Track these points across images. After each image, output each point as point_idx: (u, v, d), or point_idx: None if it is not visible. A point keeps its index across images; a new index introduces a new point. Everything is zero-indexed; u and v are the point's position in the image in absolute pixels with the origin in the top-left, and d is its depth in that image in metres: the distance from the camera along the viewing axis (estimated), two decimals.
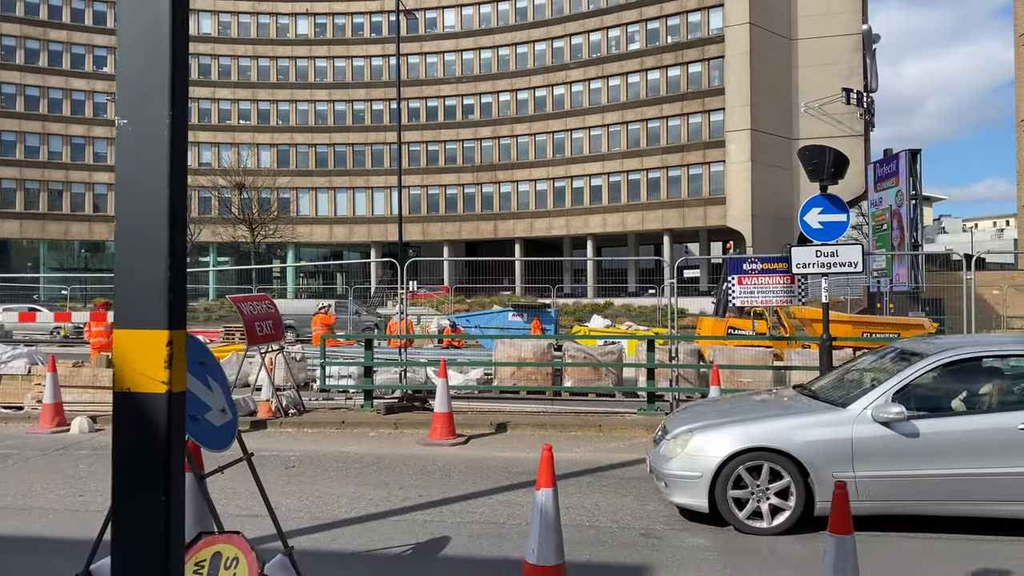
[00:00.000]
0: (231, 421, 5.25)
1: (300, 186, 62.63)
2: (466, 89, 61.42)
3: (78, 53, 61.16)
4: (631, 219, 55.44)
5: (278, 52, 63.67)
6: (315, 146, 63.48)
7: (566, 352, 15.72)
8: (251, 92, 63.41)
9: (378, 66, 63.26)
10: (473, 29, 61.52)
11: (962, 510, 6.09)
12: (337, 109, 63.49)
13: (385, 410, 11.39)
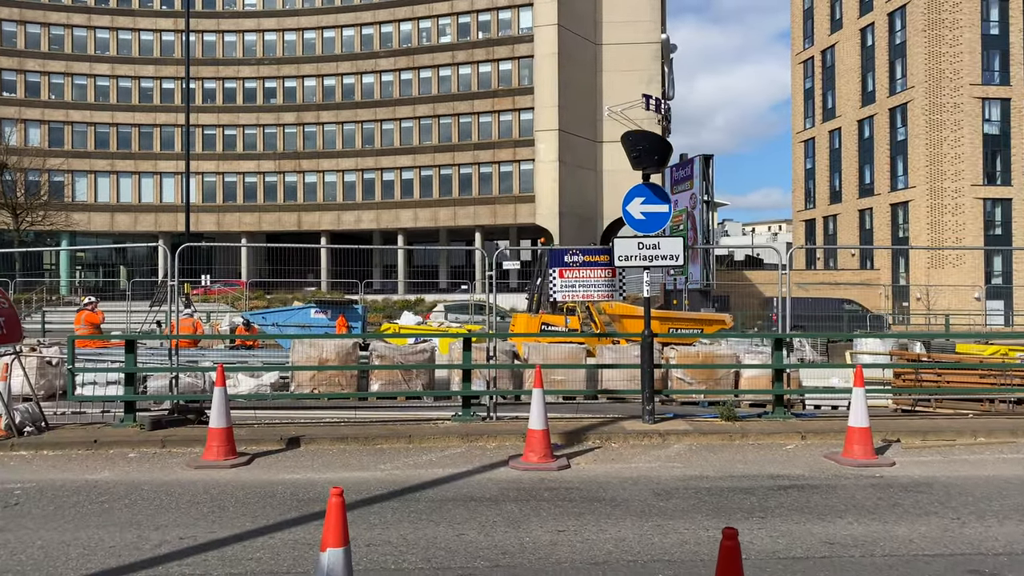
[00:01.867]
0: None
1: (77, 168, 56.14)
2: (268, 72, 57.80)
3: None
4: (443, 214, 54.65)
5: (51, 19, 56.69)
6: (94, 125, 57.16)
7: (373, 352, 14.44)
8: (17, 61, 55.97)
9: (169, 41, 58.03)
10: (276, 9, 58.02)
11: None
12: (121, 86, 57.54)
13: (151, 425, 9.55)
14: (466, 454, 8.96)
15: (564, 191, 50.93)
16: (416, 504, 6.85)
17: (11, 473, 8.05)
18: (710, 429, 9.84)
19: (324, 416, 11.30)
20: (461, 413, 10.33)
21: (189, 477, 7.86)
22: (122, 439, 9.23)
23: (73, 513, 6.57)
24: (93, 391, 10.83)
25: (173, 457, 8.80)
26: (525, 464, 8.20)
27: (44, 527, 6.17)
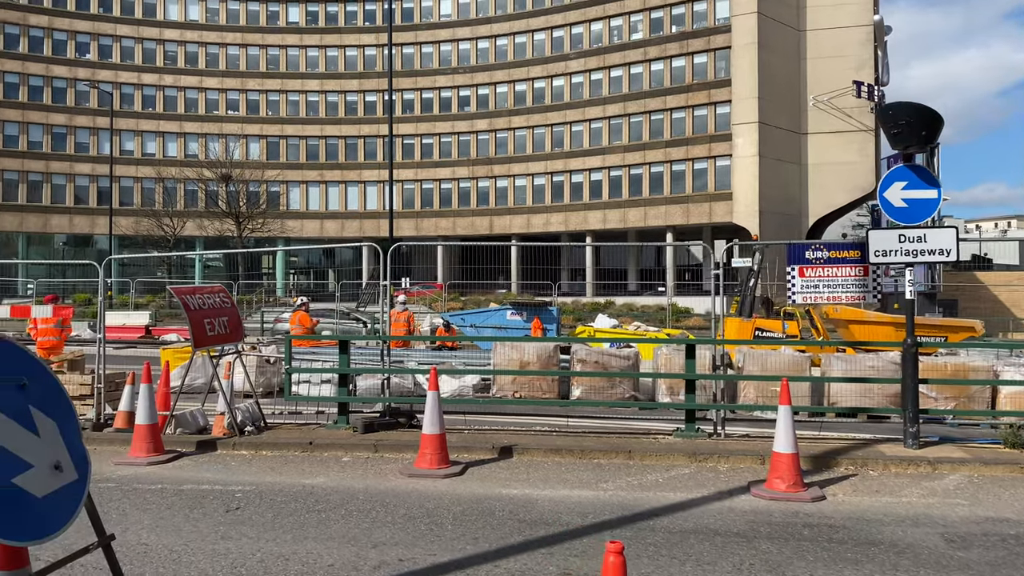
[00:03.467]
0: (74, 484, 3.09)
1: (290, 179, 60.44)
2: (462, 80, 59.30)
3: (60, 40, 58.84)
4: (632, 215, 53.41)
5: (268, 40, 61.47)
6: (306, 138, 61.30)
7: (575, 356, 13.72)
8: (240, 82, 61.18)
9: (371, 56, 61.14)
10: (470, 18, 59.42)
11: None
12: (329, 100, 61.33)
13: (363, 428, 9.33)
14: (696, 476, 7.95)
15: (764, 187, 48.09)
16: (652, 535, 5.96)
17: (232, 474, 8.03)
18: (993, 458, 8.18)
19: (531, 423, 10.68)
20: (684, 428, 9.31)
21: (403, 486, 7.44)
22: (335, 442, 9.06)
23: (291, 523, 6.27)
24: (308, 390, 10.88)
25: (385, 463, 8.47)
26: (771, 492, 7.06)
27: (264, 536, 5.89)
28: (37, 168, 57.98)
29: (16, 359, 3.07)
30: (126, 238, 52.75)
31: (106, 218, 52.39)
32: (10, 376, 3.01)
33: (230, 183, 51.40)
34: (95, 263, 10.49)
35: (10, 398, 2.96)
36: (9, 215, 56.88)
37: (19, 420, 2.96)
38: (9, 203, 56.96)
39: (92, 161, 58.57)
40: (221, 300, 9.77)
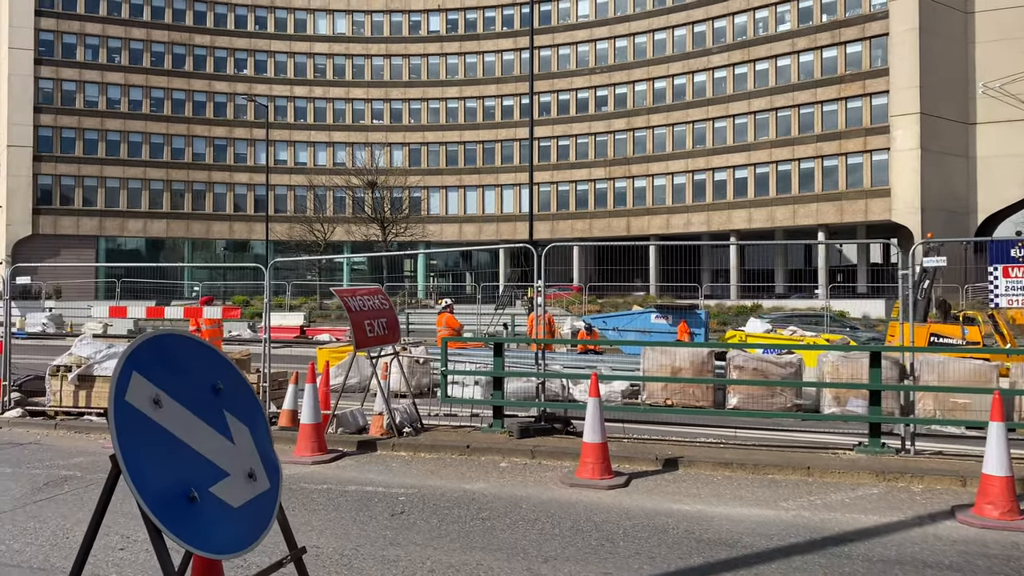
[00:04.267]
0: (266, 493, 2.93)
1: (431, 184, 61.97)
2: (600, 80, 58.79)
3: (220, 57, 62.95)
4: (780, 213, 51.10)
5: (411, 50, 63.32)
6: (445, 144, 62.68)
7: (731, 362, 13.00)
8: (384, 91, 63.35)
9: (509, 60, 61.73)
10: (608, 18, 58.84)
11: None
12: (468, 106, 62.42)
13: (519, 433, 9.11)
14: (886, 497, 7.20)
15: (927, 182, 44.77)
16: (849, 563, 5.36)
17: (394, 476, 8.00)
18: None
19: (687, 433, 10.15)
20: (868, 443, 8.51)
21: (566, 497, 7.14)
22: (492, 446, 8.89)
23: (457, 530, 6.10)
24: (461, 392, 10.82)
25: (544, 470, 8.21)
26: (981, 520, 6.26)
27: (431, 544, 5.74)
28: (200, 178, 62.24)
29: (210, 360, 2.97)
30: (280, 243, 55.66)
31: (262, 224, 55.57)
32: (205, 378, 2.90)
33: (375, 190, 53.23)
34: (261, 267, 10.85)
35: (206, 401, 2.85)
36: (176, 222, 61.35)
37: (215, 425, 2.85)
38: (176, 211, 61.46)
39: (249, 171, 62.28)
40: (379, 302, 9.85)
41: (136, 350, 2.67)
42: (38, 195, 58.40)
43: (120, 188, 60.35)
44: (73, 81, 59.64)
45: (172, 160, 61.55)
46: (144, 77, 60.88)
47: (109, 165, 59.99)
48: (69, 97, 59.52)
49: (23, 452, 8.98)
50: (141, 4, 61.11)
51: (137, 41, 61.03)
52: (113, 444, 2.49)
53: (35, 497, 6.97)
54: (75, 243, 57.47)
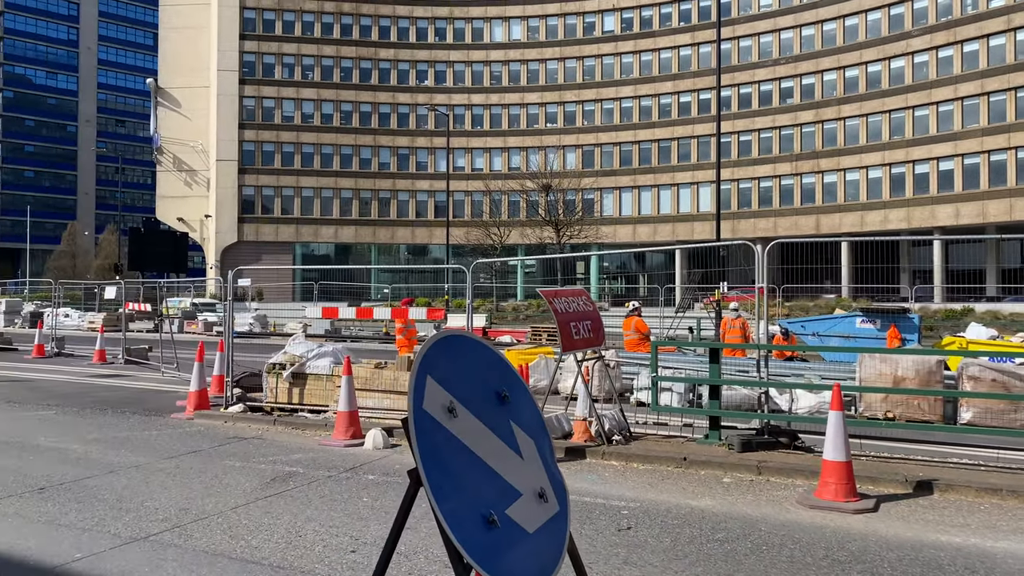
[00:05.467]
0: (557, 516, 2.55)
1: (604, 186, 61.48)
2: (784, 71, 55.94)
3: (403, 70, 65.70)
4: (994, 208, 46.27)
5: (584, 52, 63.19)
6: (619, 144, 62.00)
7: (964, 372, 11.57)
8: (558, 95, 63.62)
9: (686, 56, 60.11)
10: (793, 6, 55.90)
11: None
12: (643, 104, 61.41)
13: (740, 446, 8.42)
14: None
15: None
16: None
17: (609, 486, 7.57)
18: None
19: (940, 453, 9.01)
20: None
21: (808, 520, 6.41)
22: (710, 459, 8.27)
23: (694, 552, 5.56)
24: (670, 399, 10.25)
25: (774, 488, 7.49)
26: None
27: (669, 567, 5.25)
28: (386, 187, 65.25)
29: (494, 364, 2.65)
30: (457, 246, 57.18)
31: (441, 229, 57.36)
32: (490, 384, 2.57)
33: (549, 192, 53.48)
34: (464, 268, 10.82)
35: (494, 411, 2.53)
36: (364, 228, 64.69)
37: (504, 438, 2.51)
38: (364, 218, 64.80)
39: (430, 178, 64.58)
40: (584, 303, 9.49)
41: (428, 352, 2.38)
42: (242, 205, 63.50)
43: (314, 197, 64.47)
44: (272, 98, 64.41)
45: (360, 170, 64.97)
46: (335, 92, 64.70)
47: (304, 176, 64.25)
48: (268, 113, 64.33)
49: (248, 446, 9.37)
50: (331, 23, 65.02)
51: (328, 58, 64.97)
52: (414, 457, 2.20)
53: (264, 492, 7.14)
54: (274, 249, 61.96)
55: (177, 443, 9.51)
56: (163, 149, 64.99)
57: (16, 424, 10.82)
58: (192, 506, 6.64)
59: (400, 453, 9.00)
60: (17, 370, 18.67)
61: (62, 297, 32.74)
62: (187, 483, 7.45)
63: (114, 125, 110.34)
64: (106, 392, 14.55)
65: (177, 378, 16.44)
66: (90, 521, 6.18)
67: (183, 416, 11.51)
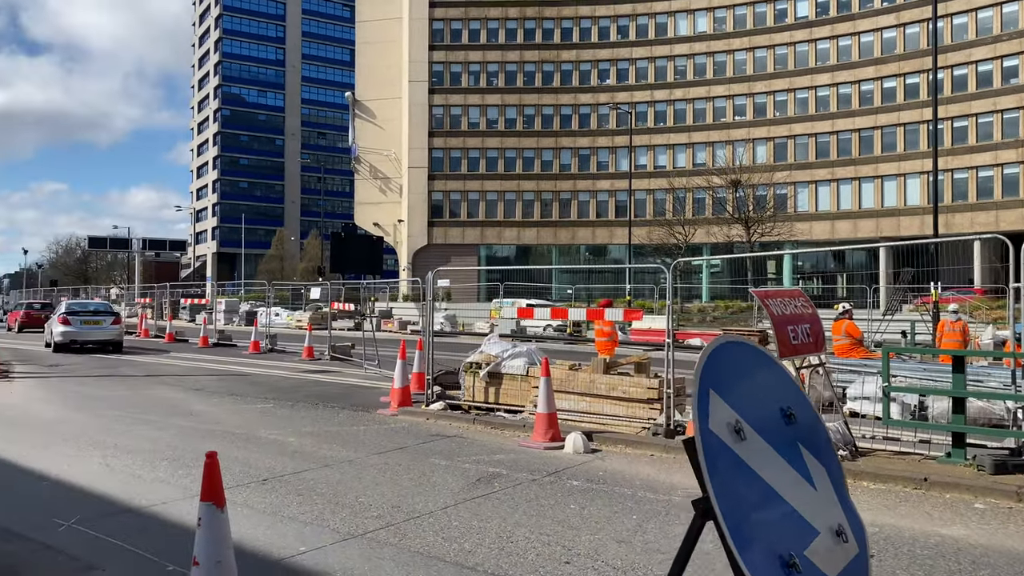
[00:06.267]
0: (857, 559, 2.06)
1: (798, 180, 58.17)
2: (1007, 49, 50.30)
3: (585, 70, 65.68)
4: None
5: (775, 40, 60.17)
6: (815, 135, 58.42)
7: None
8: (747, 86, 61.03)
9: (890, 38, 55.59)
10: None
11: None
12: (841, 92, 57.49)
13: (993, 468, 7.37)
14: None
15: None
16: None
17: None
18: None
19: None
20: None
21: None
22: (955, 480, 7.29)
23: None
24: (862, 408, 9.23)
25: None
26: None
27: None
28: (566, 188, 65.51)
29: (776, 376, 2.24)
30: (638, 247, 56.26)
31: (621, 229, 56.72)
32: (773, 400, 2.17)
33: (738, 188, 51.34)
34: (663, 267, 10.35)
35: (780, 432, 2.13)
36: (545, 230, 65.32)
37: (794, 465, 2.10)
38: (545, 219, 65.42)
39: (611, 178, 64.08)
40: (801, 306, 8.74)
41: (708, 363, 2.02)
42: (432, 210, 66.10)
43: (498, 200, 65.95)
44: (459, 106, 66.57)
45: (542, 172, 65.69)
46: (518, 96, 65.84)
47: (488, 180, 65.88)
48: (455, 120, 66.54)
49: (451, 445, 9.44)
50: (515, 28, 66.22)
51: (511, 63, 66.22)
52: (703, 485, 1.85)
53: (471, 493, 7.08)
54: (461, 251, 63.95)
55: (384, 439, 9.76)
56: (360, 158, 68.98)
57: (240, 416, 11.60)
58: (403, 504, 6.68)
59: (601, 459, 8.70)
60: (237, 364, 20.28)
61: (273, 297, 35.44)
62: (397, 480, 7.55)
63: (316, 137, 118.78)
64: (316, 387, 15.39)
65: (378, 374, 17.13)
66: (310, 515, 6.36)
67: (388, 412, 11.87)
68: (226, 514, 4.01)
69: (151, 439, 9.61)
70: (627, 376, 10.72)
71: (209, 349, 25.76)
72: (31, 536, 5.78)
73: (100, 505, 6.64)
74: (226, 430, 10.33)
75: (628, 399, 10.25)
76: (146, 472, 7.82)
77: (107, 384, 15.91)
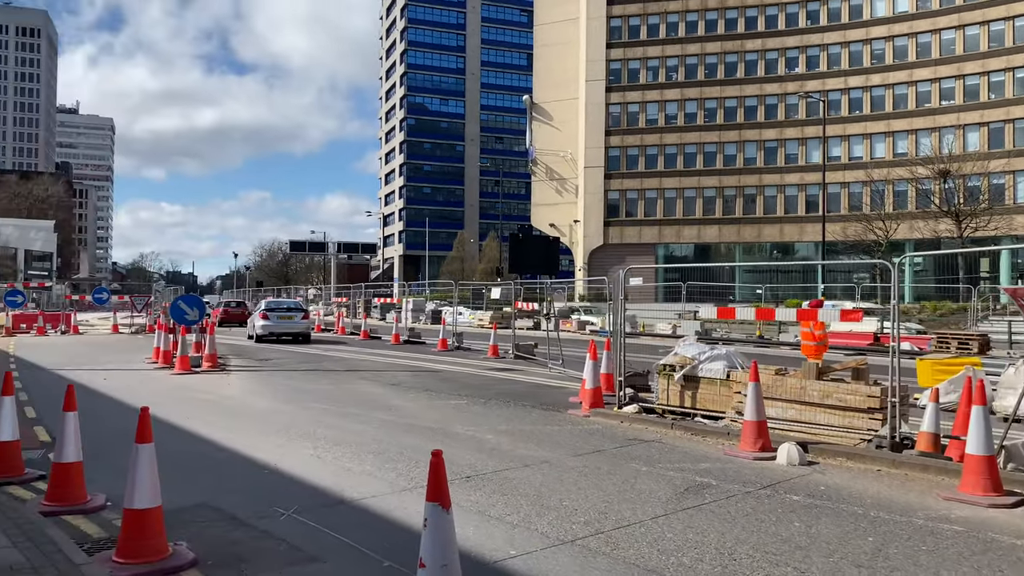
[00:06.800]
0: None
1: (1017, 168, 52.36)
2: None
3: (771, 59, 62.68)
4: None
5: (989, 15, 54.57)
6: None
7: None
8: (955, 67, 55.76)
9: None
10: None
11: None
12: None
13: None
14: None
15: None
16: None
17: None
18: None
19: None
20: None
21: None
22: None
23: None
24: None
25: None
26: None
27: None
28: (751, 183, 62.82)
29: None
30: (831, 243, 52.86)
31: (811, 225, 53.69)
32: None
33: (947, 179, 46.94)
34: (887, 263, 9.38)
35: None
36: (728, 227, 63.01)
37: None
38: (728, 216, 63.08)
39: (800, 171, 60.75)
40: None
41: None
42: (608, 209, 65.63)
43: (676, 198, 64.41)
44: (636, 103, 65.66)
45: (724, 167, 63.42)
46: (698, 90, 63.96)
47: (667, 177, 64.48)
48: (633, 118, 65.67)
49: (650, 450, 9.02)
50: (696, 20, 64.39)
51: (692, 56, 64.44)
52: None
53: (681, 503, 6.63)
54: (637, 250, 63.02)
55: (579, 441, 9.50)
56: (537, 160, 69.77)
57: (435, 412, 11.78)
58: (610, 511, 6.36)
59: (820, 472, 7.95)
60: (428, 361, 20.87)
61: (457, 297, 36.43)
62: (599, 484, 7.24)
63: (493, 142, 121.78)
64: (503, 385, 15.45)
65: (563, 374, 16.97)
66: (516, 516, 6.18)
67: (579, 413, 11.62)
68: (452, 516, 3.86)
69: (356, 432, 9.91)
70: (843, 383, 9.81)
71: (400, 346, 26.79)
72: (254, 524, 5.99)
73: (315, 495, 6.83)
74: (424, 425, 10.49)
75: (844, 408, 9.36)
76: (354, 465, 8.01)
77: (312, 378, 16.82)
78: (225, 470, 7.99)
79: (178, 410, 11.60)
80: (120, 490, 6.69)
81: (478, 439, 9.47)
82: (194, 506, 6.42)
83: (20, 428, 7.36)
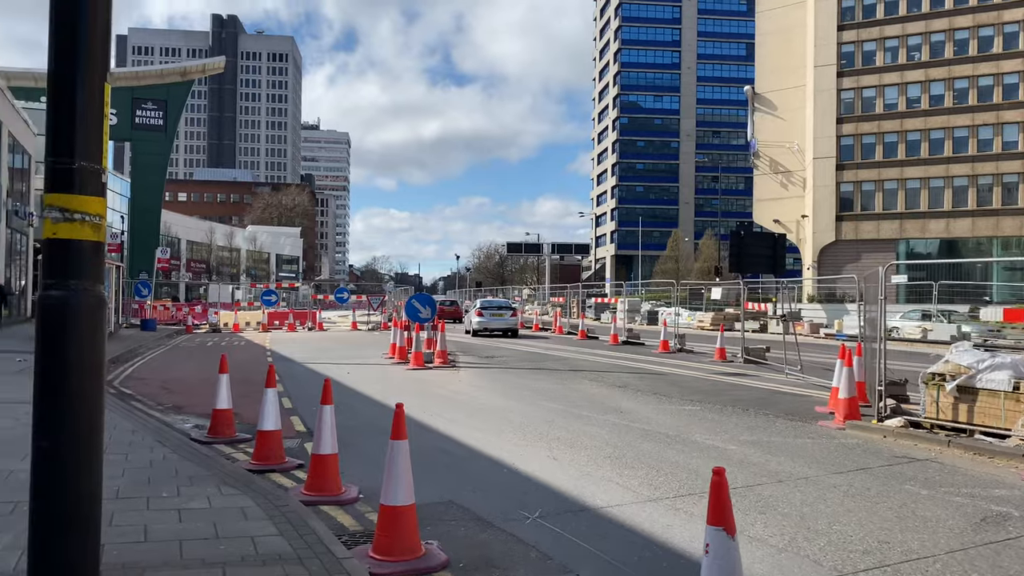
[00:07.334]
0: None
1: None
2: None
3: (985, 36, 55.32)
4: None
5: None
6: None
7: None
8: None
9: None
10: None
11: None
12: None
13: None
14: None
15: None
16: None
17: None
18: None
19: None
20: None
21: None
22: None
23: None
24: None
25: None
26: None
27: None
28: (1011, 169, 55.70)
29: None
30: None
31: None
32: None
33: None
34: None
35: None
36: (983, 220, 56.33)
37: None
38: (983, 208, 56.35)
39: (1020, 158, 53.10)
40: None
41: None
42: (840, 203, 61.03)
43: (920, 188, 58.61)
44: (872, 87, 60.49)
45: (978, 152, 56.74)
46: (946, 69, 57.73)
47: (909, 166, 58.83)
48: (868, 104, 60.55)
49: (925, 471, 7.90)
50: None
51: (938, 33, 58.30)
52: None
53: (978, 536, 5.65)
54: (874, 247, 58.05)
55: (837, 456, 8.56)
56: (759, 153, 66.39)
57: (669, 417, 11.23)
58: (892, 540, 5.53)
59: None
60: (650, 363, 20.28)
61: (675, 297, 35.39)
62: (871, 508, 6.38)
63: (710, 137, 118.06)
64: (736, 391, 14.55)
65: (801, 380, 15.73)
66: (780, 539, 5.55)
67: (831, 425, 10.58)
68: (737, 543, 3.38)
69: (589, 435, 9.63)
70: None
71: (619, 347, 26.40)
72: (500, 526, 5.84)
73: (556, 500, 6.58)
74: (659, 431, 9.99)
75: None
76: (592, 469, 7.70)
77: (537, 376, 16.86)
78: (466, 467, 7.99)
79: (417, 404, 11.97)
80: (368, 481, 6.86)
81: (720, 448, 8.82)
82: (441, 503, 6.40)
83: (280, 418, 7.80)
